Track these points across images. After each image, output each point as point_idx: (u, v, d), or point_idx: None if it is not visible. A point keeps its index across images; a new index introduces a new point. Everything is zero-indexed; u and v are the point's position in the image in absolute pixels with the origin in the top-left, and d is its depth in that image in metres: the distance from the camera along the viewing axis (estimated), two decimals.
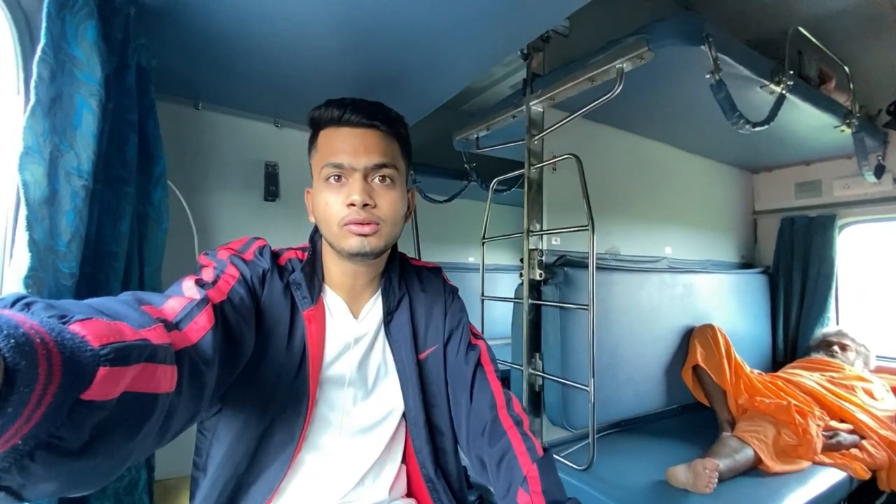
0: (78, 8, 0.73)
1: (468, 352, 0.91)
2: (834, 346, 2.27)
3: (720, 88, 1.38)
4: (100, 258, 0.87)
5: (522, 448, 0.78)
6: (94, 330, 0.37)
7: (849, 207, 2.53)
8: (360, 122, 0.76)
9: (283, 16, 1.05)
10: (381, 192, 0.77)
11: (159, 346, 0.45)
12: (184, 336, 0.55)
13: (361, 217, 0.74)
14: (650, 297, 2.05)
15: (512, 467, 0.77)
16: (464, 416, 0.88)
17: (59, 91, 0.73)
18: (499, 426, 0.83)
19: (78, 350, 0.34)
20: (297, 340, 0.78)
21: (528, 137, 1.73)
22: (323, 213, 0.76)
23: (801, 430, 1.69)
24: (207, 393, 0.57)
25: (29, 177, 0.69)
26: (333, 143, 0.76)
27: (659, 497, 1.43)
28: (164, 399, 0.45)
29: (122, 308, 0.48)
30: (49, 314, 0.37)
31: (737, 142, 2.29)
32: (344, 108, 0.76)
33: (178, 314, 0.57)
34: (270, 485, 0.77)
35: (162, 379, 0.45)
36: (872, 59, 2.24)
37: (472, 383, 0.88)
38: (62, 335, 0.34)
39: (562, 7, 1.11)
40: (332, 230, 0.76)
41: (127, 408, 0.39)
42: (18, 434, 0.30)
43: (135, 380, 0.40)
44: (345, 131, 0.76)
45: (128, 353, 0.39)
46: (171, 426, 0.49)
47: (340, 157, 0.74)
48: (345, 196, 0.74)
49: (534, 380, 1.74)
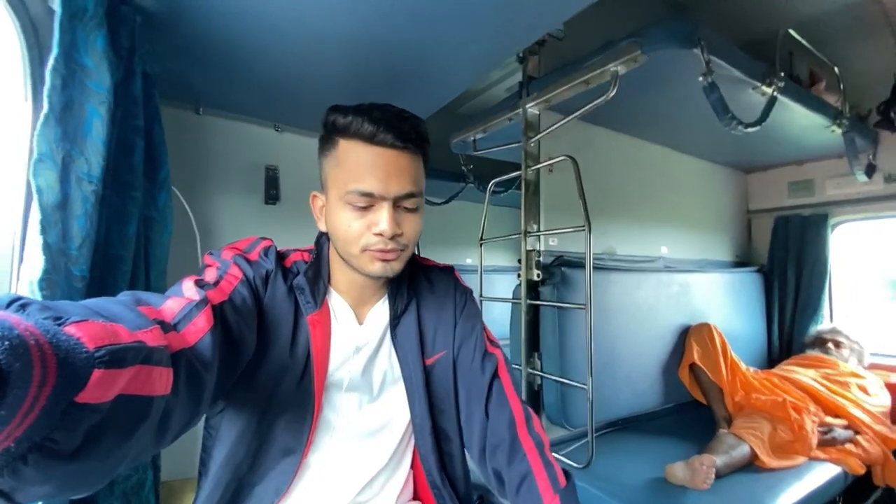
0: (88, 18, 0.76)
1: (484, 361, 0.87)
2: (828, 343, 2.29)
3: (713, 90, 1.40)
4: (108, 261, 0.89)
5: (544, 475, 0.75)
6: (89, 332, 0.37)
7: (841, 206, 2.56)
8: (393, 144, 0.71)
9: (284, 23, 1.07)
10: (408, 218, 0.75)
11: (155, 349, 0.44)
12: (181, 338, 0.54)
13: (388, 247, 0.72)
14: (647, 296, 2.07)
15: (532, 494, 0.73)
16: (477, 429, 0.84)
17: (70, 99, 0.75)
18: (518, 447, 0.79)
19: (73, 352, 0.34)
20: (300, 345, 0.77)
21: (525, 139, 1.75)
22: (343, 233, 0.74)
23: (797, 425, 1.71)
24: (207, 395, 0.56)
25: (42, 182, 0.71)
26: (361, 166, 0.71)
27: (658, 494, 1.44)
28: (159, 401, 0.44)
29: (118, 309, 0.47)
30: (44, 316, 0.36)
31: (730, 142, 2.32)
32: (377, 124, 0.70)
33: (176, 315, 0.56)
34: (277, 488, 0.77)
35: (157, 381, 0.44)
36: (862, 60, 2.27)
37: (488, 396, 0.84)
38: (57, 337, 0.34)
39: (559, 12, 1.12)
40: (352, 251, 0.74)
41: (122, 410, 0.39)
42: (11, 437, 0.30)
43: (130, 382, 0.39)
44: (375, 152, 0.71)
45: (123, 356, 0.38)
46: (169, 428, 0.48)
47: (371, 185, 0.70)
48: (370, 222, 0.72)
49: (532, 379, 1.76)
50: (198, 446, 0.82)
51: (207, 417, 0.80)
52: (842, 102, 2.01)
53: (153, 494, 1.00)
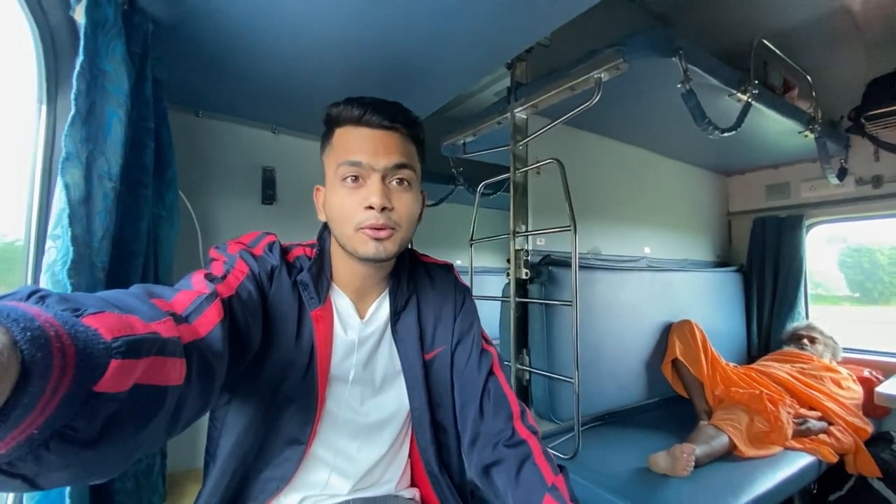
0: (109, 27, 0.81)
1: (480, 358, 0.89)
2: (804, 340, 2.37)
3: (690, 97, 1.47)
4: (122, 256, 0.93)
5: (543, 459, 0.78)
6: (106, 323, 0.38)
7: (815, 208, 2.65)
8: (380, 124, 0.74)
9: (283, 31, 1.11)
10: (399, 194, 0.75)
11: (169, 340, 0.45)
12: (193, 329, 0.55)
13: (380, 222, 0.73)
14: (631, 294, 2.13)
15: (535, 475, 0.76)
16: (470, 423, 0.86)
17: (93, 102, 0.80)
18: (517, 436, 0.82)
19: (91, 343, 0.35)
20: (305, 339, 0.79)
21: (513, 143, 1.81)
22: (337, 214, 0.75)
23: (773, 417, 1.77)
24: (217, 385, 0.57)
25: (70, 179, 0.76)
26: (351, 142, 0.74)
27: (641, 482, 1.48)
28: (173, 391, 0.45)
29: (132, 301, 0.48)
30: (63, 307, 0.37)
31: (710, 146, 2.39)
32: (364, 107, 0.74)
33: (187, 308, 0.57)
34: (283, 474, 0.80)
35: (171, 372, 0.45)
36: (833, 68, 2.37)
37: (483, 390, 0.87)
38: (76, 328, 0.35)
39: (547, 23, 1.16)
40: (346, 232, 0.75)
41: (138, 399, 0.40)
42: (34, 424, 0.31)
43: (145, 372, 0.40)
44: (364, 131, 0.74)
45: (139, 346, 0.39)
46: (181, 418, 0.49)
47: (359, 156, 0.73)
48: (362, 198, 0.73)
49: (521, 374, 1.81)
50: (197, 439, 0.83)
51: (212, 409, 0.82)
52: (814, 109, 2.10)
53: (161, 479, 1.04)
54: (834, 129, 2.39)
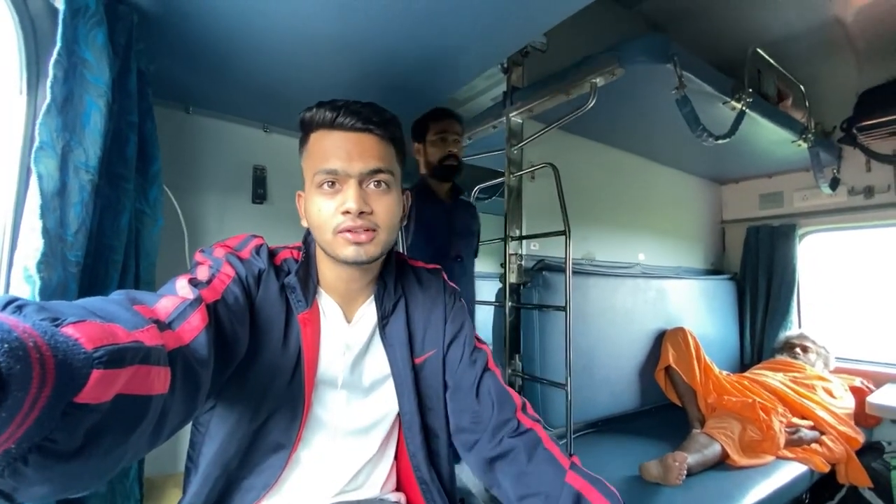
0: (90, 15, 0.78)
1: (473, 355, 0.89)
2: (796, 348, 2.38)
3: (685, 103, 1.47)
4: (100, 250, 0.90)
5: (552, 443, 0.78)
6: (87, 332, 0.37)
7: (808, 217, 2.67)
8: (353, 126, 0.73)
9: (276, 25, 1.09)
10: (377, 197, 0.74)
11: (153, 348, 0.44)
12: (177, 336, 0.54)
13: (357, 224, 0.72)
14: (624, 301, 2.13)
15: (549, 456, 0.77)
16: (468, 420, 0.86)
17: (70, 91, 0.78)
18: (522, 425, 0.82)
19: (71, 353, 0.34)
20: (292, 343, 0.77)
21: (508, 147, 1.81)
22: (316, 219, 0.75)
23: (765, 426, 1.78)
24: (202, 393, 0.56)
25: (43, 169, 0.73)
26: (326, 148, 0.73)
27: (633, 490, 1.47)
28: (157, 400, 0.44)
29: (114, 309, 0.47)
30: (41, 317, 0.36)
31: (705, 155, 2.40)
32: (337, 110, 0.73)
33: (170, 314, 0.56)
34: (266, 482, 0.78)
35: (155, 380, 0.44)
36: (826, 79, 2.39)
37: (480, 387, 0.87)
38: (55, 338, 0.34)
39: (541, 23, 1.15)
40: (326, 237, 0.74)
41: (120, 410, 0.38)
42: (12, 438, 0.30)
43: (128, 382, 0.39)
44: (338, 135, 0.73)
45: (121, 356, 0.38)
46: (166, 426, 0.48)
47: (334, 163, 0.72)
48: (339, 203, 0.72)
49: (513, 380, 1.79)
50: (178, 443, 0.81)
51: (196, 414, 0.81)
52: (807, 119, 2.12)
53: (137, 484, 1.00)
54: (827, 139, 2.41)
